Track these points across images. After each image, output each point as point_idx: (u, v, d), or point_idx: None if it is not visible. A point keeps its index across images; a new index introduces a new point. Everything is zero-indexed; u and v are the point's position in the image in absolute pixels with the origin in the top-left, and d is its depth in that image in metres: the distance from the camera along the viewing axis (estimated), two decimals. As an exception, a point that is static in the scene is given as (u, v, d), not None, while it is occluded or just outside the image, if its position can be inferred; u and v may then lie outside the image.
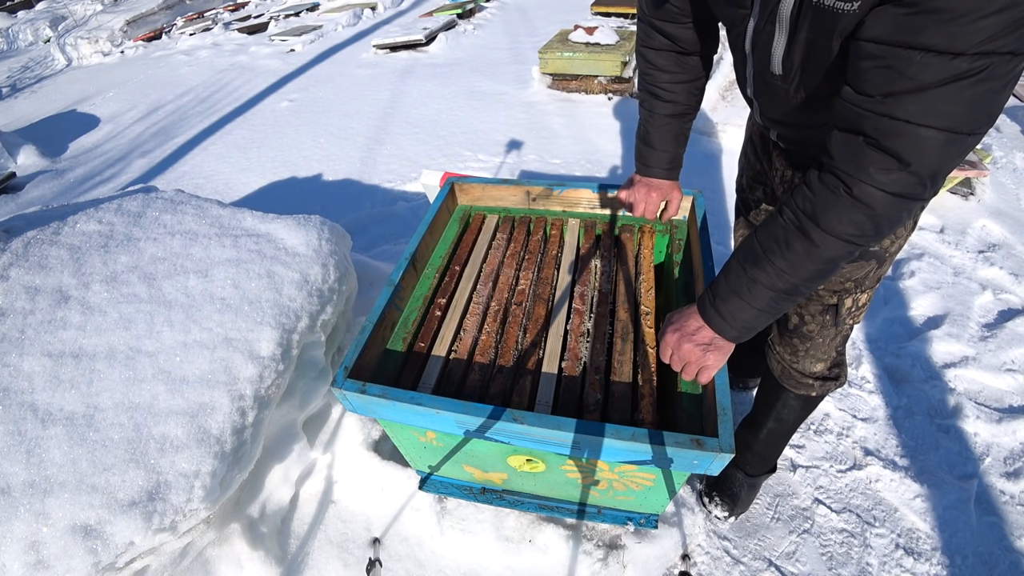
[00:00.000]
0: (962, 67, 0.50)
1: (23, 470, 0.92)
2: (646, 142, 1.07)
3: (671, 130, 1.04)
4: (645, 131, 1.06)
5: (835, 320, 0.99)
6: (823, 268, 0.68)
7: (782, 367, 1.11)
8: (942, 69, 0.51)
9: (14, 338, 1.11)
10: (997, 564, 1.24)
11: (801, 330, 1.04)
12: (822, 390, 1.10)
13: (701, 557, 1.29)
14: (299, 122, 4.08)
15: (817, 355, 1.06)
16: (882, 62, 0.54)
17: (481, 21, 6.16)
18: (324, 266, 1.37)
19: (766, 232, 0.70)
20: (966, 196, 2.41)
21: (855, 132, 0.59)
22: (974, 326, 1.82)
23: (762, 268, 0.70)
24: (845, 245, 0.64)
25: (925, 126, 0.54)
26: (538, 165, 3.05)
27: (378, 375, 1.03)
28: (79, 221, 1.39)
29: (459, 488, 1.26)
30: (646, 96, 1.03)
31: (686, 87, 0.99)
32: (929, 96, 0.53)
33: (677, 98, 1.00)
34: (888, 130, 0.56)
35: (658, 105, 1.01)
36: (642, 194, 1.12)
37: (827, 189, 0.63)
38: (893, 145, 0.56)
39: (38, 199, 3.48)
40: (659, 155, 1.07)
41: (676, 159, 1.09)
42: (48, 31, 9.64)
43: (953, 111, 0.53)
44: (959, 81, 0.51)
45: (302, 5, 8.03)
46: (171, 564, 1.05)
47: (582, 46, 3.79)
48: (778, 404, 1.18)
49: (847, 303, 0.97)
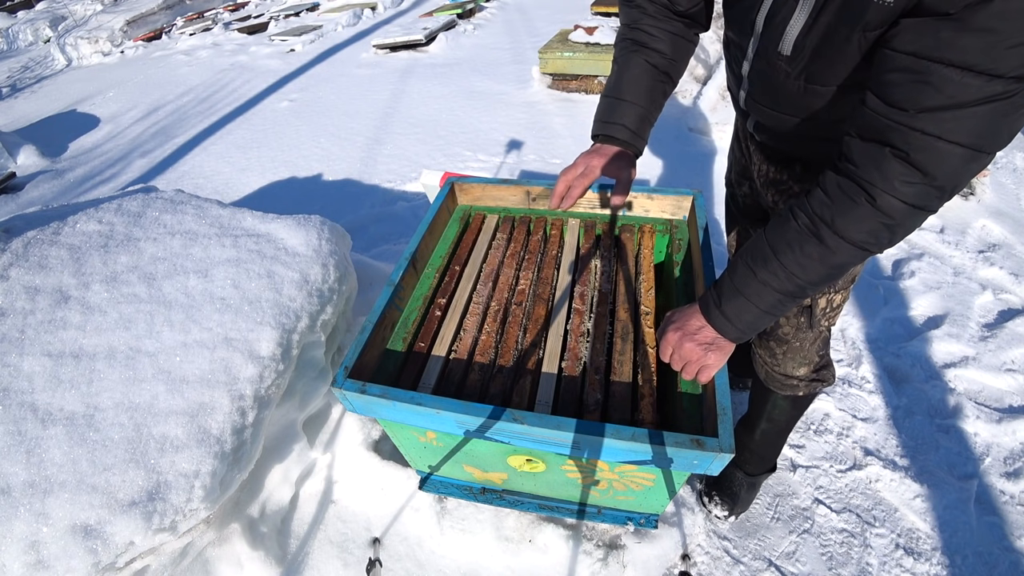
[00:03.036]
0: (997, 89, 0.51)
1: (23, 470, 0.92)
2: (612, 93, 0.92)
3: (647, 81, 0.90)
4: (615, 82, 0.92)
5: (810, 322, 0.99)
6: (833, 272, 0.68)
7: (765, 371, 1.11)
8: (980, 90, 0.52)
9: (14, 338, 1.11)
10: (997, 564, 1.24)
11: (777, 333, 1.04)
12: (809, 390, 1.10)
13: (701, 557, 1.29)
14: (299, 122, 4.08)
15: (797, 358, 1.05)
16: (919, 77, 0.55)
17: (481, 21, 6.16)
18: (324, 266, 1.37)
19: (777, 234, 0.70)
20: (966, 196, 2.41)
21: (882, 143, 0.59)
22: (974, 326, 1.82)
23: (771, 270, 0.70)
24: (858, 251, 0.65)
25: (954, 143, 0.55)
26: (538, 165, 3.05)
27: (378, 375, 1.03)
28: (79, 221, 1.39)
29: (459, 488, 1.26)
30: (626, 43, 0.92)
31: (672, 38, 0.90)
32: (963, 114, 0.54)
33: (662, 47, 0.89)
34: (920, 144, 0.57)
35: (641, 51, 0.90)
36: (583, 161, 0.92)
37: (847, 196, 0.63)
38: (921, 158, 0.57)
39: (38, 199, 3.48)
40: (625, 108, 0.90)
41: (644, 122, 0.92)
42: (48, 31, 9.65)
43: (981, 130, 0.54)
44: (992, 103, 0.52)
45: (302, 5, 8.04)
46: (171, 564, 1.05)
47: (582, 46, 3.79)
48: (768, 405, 1.18)
49: (821, 303, 0.97)
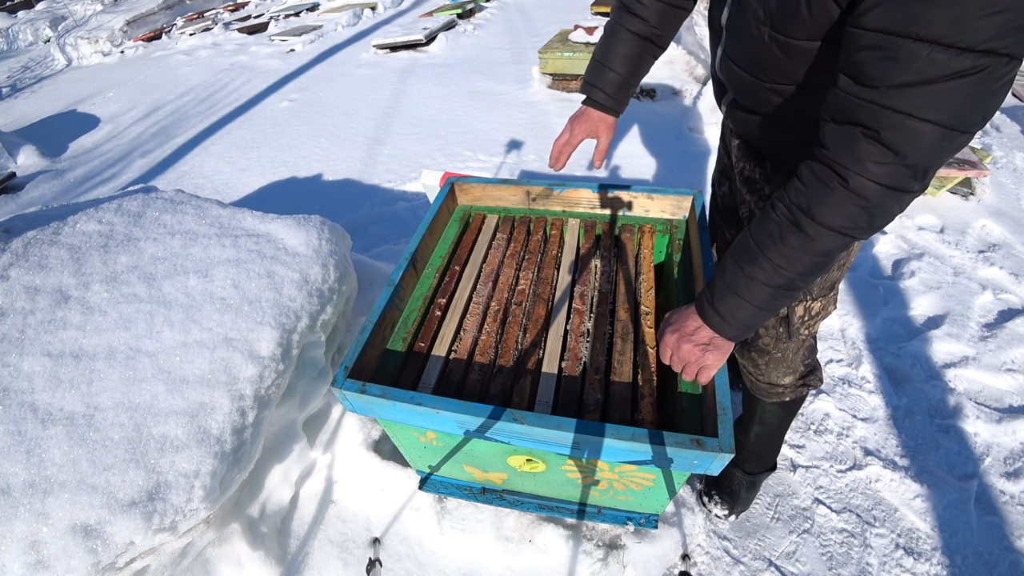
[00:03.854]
0: (967, 64, 0.51)
1: (23, 470, 0.92)
2: (599, 57, 1.01)
3: (629, 49, 0.97)
4: (602, 47, 1.01)
5: (788, 331, 0.98)
6: (819, 261, 0.67)
7: (751, 380, 1.11)
8: (948, 64, 0.51)
9: (14, 338, 1.11)
10: (997, 564, 1.24)
11: (757, 344, 1.03)
12: (796, 395, 1.10)
13: (701, 557, 1.29)
14: (299, 122, 4.08)
15: (781, 368, 1.04)
16: (887, 53, 0.54)
17: (481, 21, 6.16)
18: (324, 266, 1.37)
19: (760, 228, 0.70)
20: (966, 196, 2.41)
21: (851, 123, 0.59)
22: (974, 326, 1.82)
23: (758, 264, 0.70)
24: (840, 237, 0.64)
25: (924, 120, 0.54)
26: (538, 165, 3.05)
27: (378, 375, 1.03)
28: (79, 221, 1.39)
29: (459, 488, 1.26)
30: (617, 8, 0.98)
31: (663, 7, 0.94)
32: (932, 90, 0.53)
33: (649, 16, 0.94)
34: (889, 123, 0.56)
35: (626, 18, 0.96)
36: (567, 127, 1.06)
37: (820, 181, 0.63)
38: (891, 137, 0.56)
39: (38, 199, 3.48)
40: (607, 75, 1.00)
41: (623, 87, 1.01)
42: (48, 31, 9.65)
43: (952, 107, 0.53)
44: (962, 78, 0.51)
45: (302, 5, 8.04)
46: (171, 564, 1.05)
47: (582, 46, 3.79)
48: (757, 410, 1.18)
49: (798, 311, 0.96)
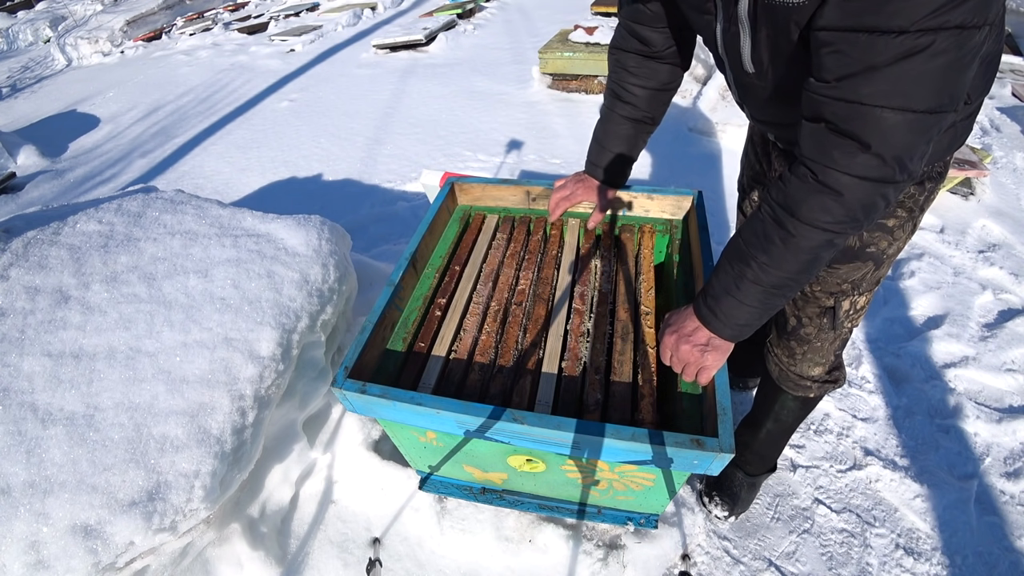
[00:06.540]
0: (907, 44, 0.51)
1: (23, 470, 0.92)
2: (598, 139, 1.09)
3: (623, 132, 1.05)
4: (599, 130, 1.08)
5: (833, 323, 0.99)
6: (806, 260, 0.68)
7: (780, 369, 1.11)
8: (887, 48, 0.52)
9: (14, 338, 1.11)
10: (997, 564, 1.24)
11: (799, 333, 1.03)
12: (820, 391, 1.10)
13: (701, 557, 1.29)
14: (299, 122, 4.08)
15: (815, 359, 1.05)
16: (833, 48, 0.56)
17: (481, 21, 6.16)
18: (324, 266, 1.37)
19: (748, 228, 0.72)
20: (966, 196, 2.41)
21: (817, 120, 0.61)
22: (974, 326, 1.82)
23: (747, 264, 0.71)
24: (822, 234, 0.65)
25: (880, 107, 0.55)
26: (538, 165, 3.05)
27: (378, 375, 1.03)
28: (79, 221, 1.39)
29: (459, 488, 1.26)
30: (609, 95, 1.04)
31: (650, 94, 1.00)
32: (880, 76, 0.53)
33: (639, 103, 1.01)
34: (845, 114, 0.57)
35: (618, 105, 1.03)
36: (570, 185, 1.16)
37: (797, 179, 0.64)
38: (851, 128, 0.57)
39: (38, 199, 3.48)
40: (604, 154, 1.08)
41: (620, 165, 1.10)
42: (48, 31, 9.64)
43: (906, 90, 0.54)
44: (907, 59, 0.52)
45: (302, 5, 8.04)
46: (171, 564, 1.05)
47: (582, 46, 3.79)
48: (776, 405, 1.18)
49: (844, 305, 0.97)
